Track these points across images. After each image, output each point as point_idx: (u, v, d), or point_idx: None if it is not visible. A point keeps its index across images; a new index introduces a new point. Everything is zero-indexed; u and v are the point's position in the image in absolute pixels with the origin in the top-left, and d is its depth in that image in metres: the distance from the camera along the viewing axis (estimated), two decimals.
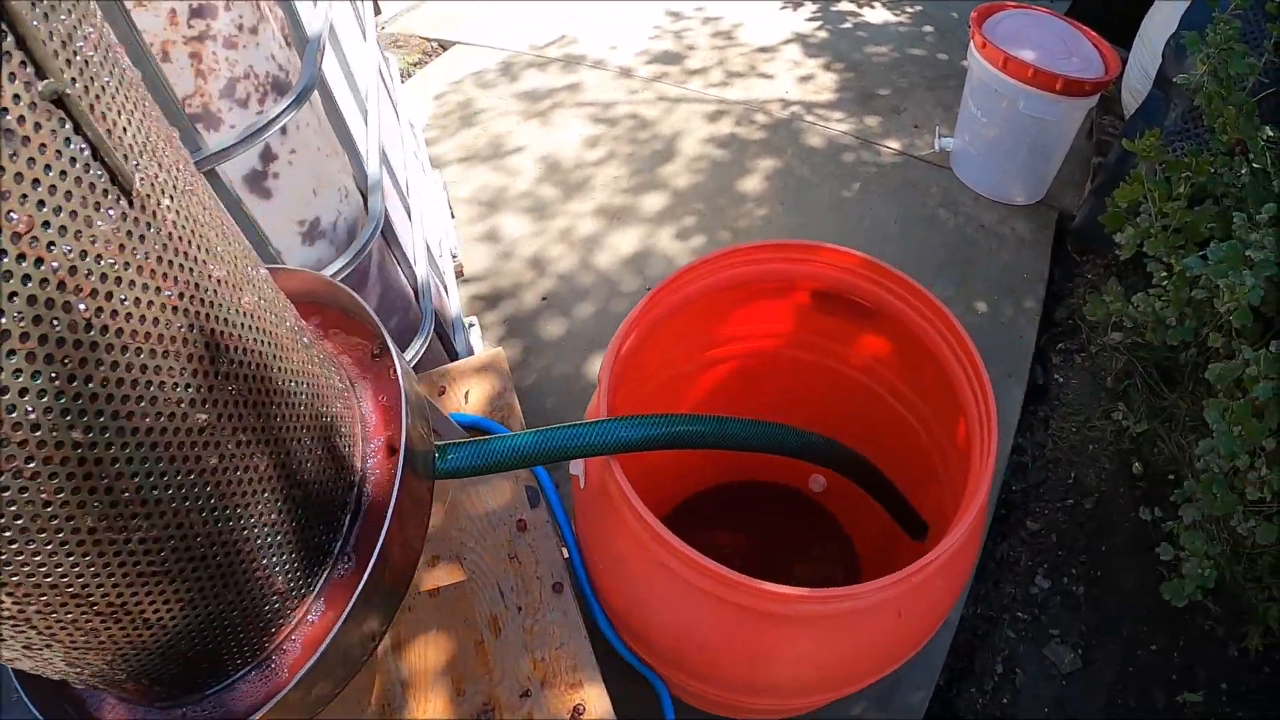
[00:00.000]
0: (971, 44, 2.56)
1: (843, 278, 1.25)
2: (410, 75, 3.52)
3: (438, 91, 3.38)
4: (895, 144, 3.02)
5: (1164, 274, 1.73)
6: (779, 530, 1.88)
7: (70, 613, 0.56)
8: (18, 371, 0.45)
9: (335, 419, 0.77)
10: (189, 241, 0.58)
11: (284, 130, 1.21)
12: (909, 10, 3.78)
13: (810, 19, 3.73)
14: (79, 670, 0.64)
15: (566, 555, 1.24)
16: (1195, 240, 1.63)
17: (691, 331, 1.44)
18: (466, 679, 1.17)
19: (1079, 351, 2.53)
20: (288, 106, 1.14)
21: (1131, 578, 2.02)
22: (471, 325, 2.23)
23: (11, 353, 0.44)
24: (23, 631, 0.56)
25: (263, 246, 1.25)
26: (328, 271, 1.32)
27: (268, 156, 1.21)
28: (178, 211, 0.57)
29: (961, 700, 1.89)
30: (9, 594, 0.52)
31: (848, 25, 3.68)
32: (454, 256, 2.41)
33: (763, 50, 3.53)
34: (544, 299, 2.48)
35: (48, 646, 0.59)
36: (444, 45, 3.70)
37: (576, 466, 1.11)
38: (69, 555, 0.53)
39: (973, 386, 1.07)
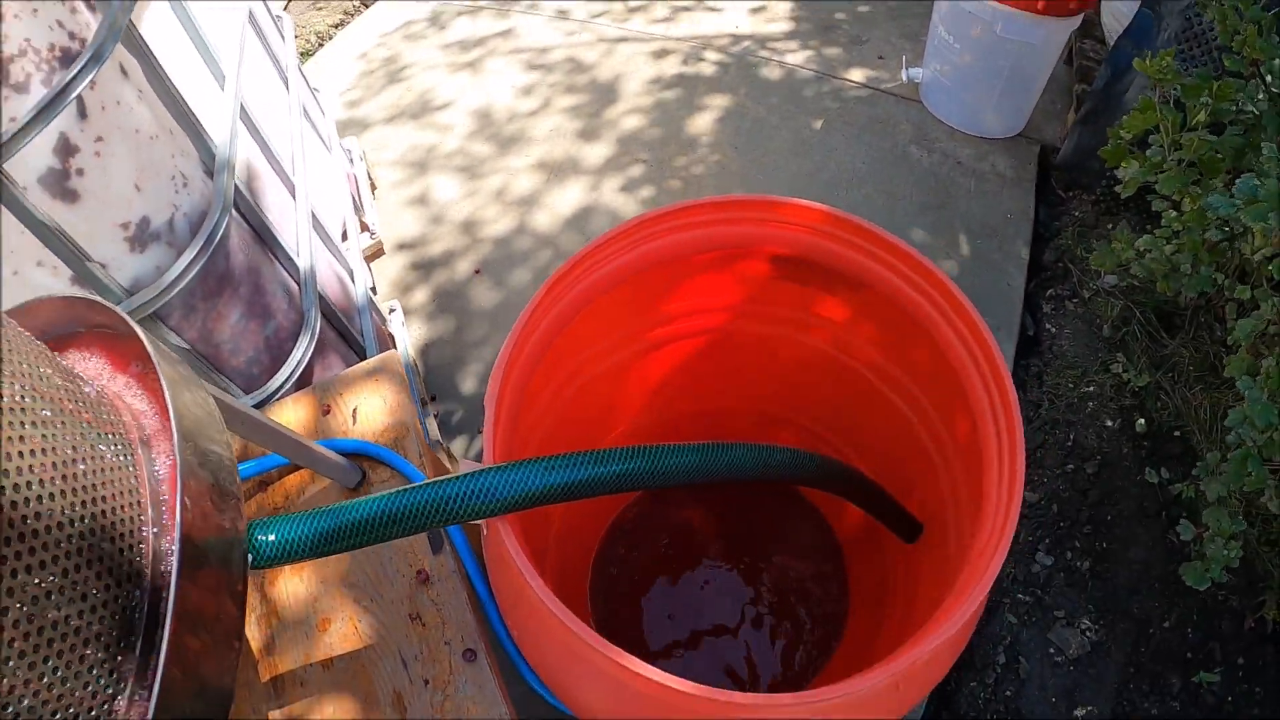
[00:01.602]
0: None
1: (811, 239, 0.99)
2: (330, 38, 3.18)
3: (361, 50, 3.06)
4: (859, 76, 2.75)
5: (1173, 214, 1.50)
6: (754, 512, 1.66)
7: None
8: None
9: (107, 525, 0.52)
10: None
11: (83, 112, 0.93)
12: None
13: None
14: None
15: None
16: (1212, 175, 1.39)
17: (632, 308, 1.19)
18: None
19: (1071, 297, 2.31)
20: (74, 77, 0.87)
21: (1140, 548, 1.84)
22: (393, 310, 1.96)
23: None
24: None
25: (79, 262, 0.98)
26: (168, 279, 1.05)
27: (66, 149, 0.94)
28: None
29: (962, 695, 1.72)
30: None
31: None
32: (371, 235, 2.13)
33: None
34: (477, 270, 2.21)
35: None
36: (366, 2, 3.36)
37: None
38: None
39: (983, 376, 0.83)
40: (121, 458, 0.58)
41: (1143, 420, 1.98)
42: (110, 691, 0.51)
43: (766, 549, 1.65)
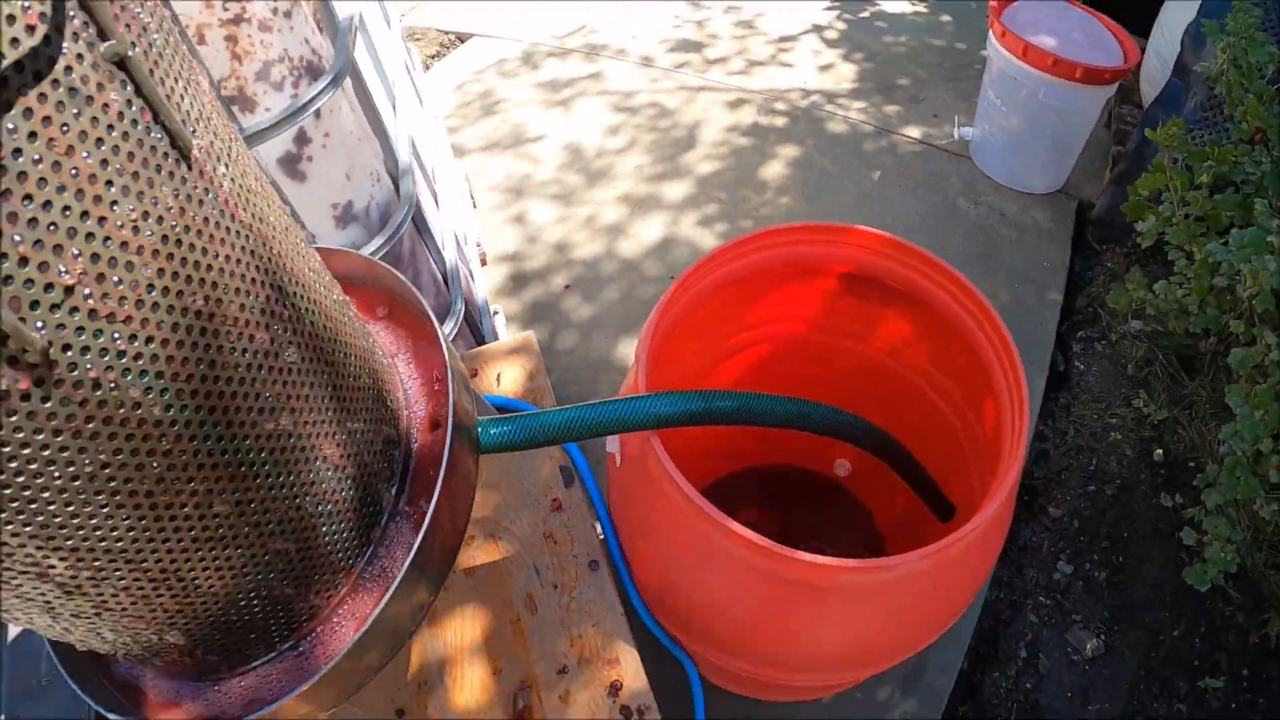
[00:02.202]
0: (991, 33, 2.56)
1: (873, 260, 1.27)
2: (429, 68, 3.54)
3: (458, 82, 3.40)
4: (915, 133, 3.02)
5: (1185, 262, 1.74)
6: (805, 514, 1.90)
7: (123, 579, 0.57)
8: (80, 329, 0.45)
9: (381, 391, 0.80)
10: (244, 209, 0.59)
11: (318, 114, 1.24)
12: (926, 1, 3.77)
13: (829, 9, 3.74)
14: (126, 642, 0.66)
15: (601, 534, 1.26)
16: (1217, 228, 1.64)
17: (722, 315, 1.46)
18: (504, 656, 1.20)
19: (1099, 339, 2.53)
20: (323, 89, 1.17)
21: (1153, 564, 2.03)
22: (496, 313, 2.26)
23: (74, 310, 0.45)
24: (73, 598, 0.57)
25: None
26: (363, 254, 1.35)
27: (302, 140, 1.24)
28: (232, 179, 0.58)
29: (986, 685, 1.91)
30: (62, 558, 0.52)
31: (866, 15, 3.68)
32: (477, 245, 2.44)
33: (783, 40, 3.54)
34: (567, 286, 2.51)
35: (98, 615, 0.60)
36: (461, 38, 3.72)
37: (613, 444, 1.14)
38: (125, 519, 0.53)
39: (1004, 368, 1.09)
40: (386, 360, 0.87)
41: (1160, 451, 2.18)
42: (376, 515, 0.79)
43: (819, 542, 1.88)
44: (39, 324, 0.44)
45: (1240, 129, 1.56)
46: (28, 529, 0.49)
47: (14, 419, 0.44)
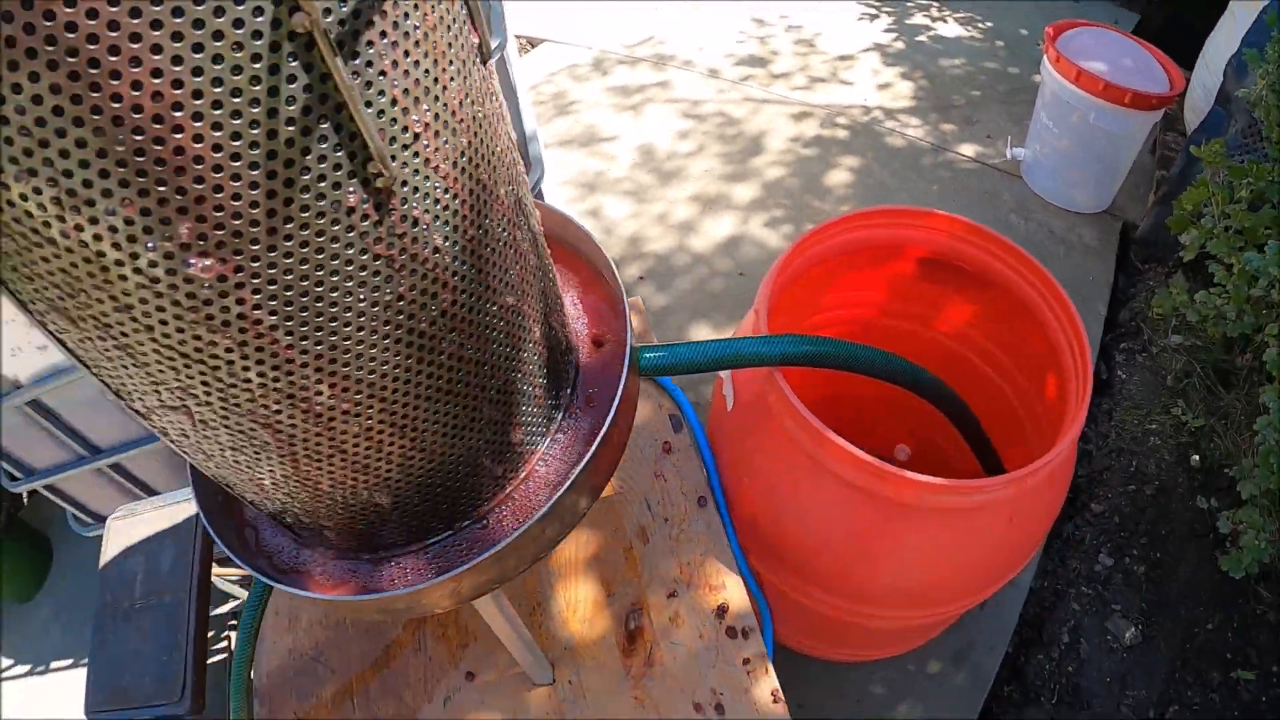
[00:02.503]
0: (1045, 58, 2.72)
1: (950, 243, 1.44)
2: None
3: (532, 83, 3.62)
4: (970, 151, 3.19)
5: (1224, 273, 1.89)
6: None
7: (371, 417, 0.65)
8: (415, 171, 0.55)
9: (562, 304, 0.97)
10: (505, 112, 0.73)
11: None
12: (980, 26, 3.95)
13: (888, 30, 3.92)
14: (333, 500, 0.76)
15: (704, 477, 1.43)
16: (1255, 241, 1.79)
17: (804, 297, 1.63)
18: (616, 581, 1.36)
19: (1141, 352, 2.67)
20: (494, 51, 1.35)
21: (1189, 561, 2.16)
22: None
23: (415, 154, 0.55)
24: (317, 439, 0.65)
25: None
26: None
27: None
28: (498, 90, 0.73)
29: (1030, 666, 2.05)
30: (331, 385, 0.60)
31: (923, 38, 3.86)
32: None
33: (843, 58, 3.73)
34: (641, 277, 2.69)
35: (329, 460, 0.69)
36: (533, 42, 3.94)
37: (728, 392, 1.31)
38: (395, 354, 0.62)
39: (1070, 341, 1.26)
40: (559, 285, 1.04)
41: (1197, 457, 2.31)
42: (555, 409, 0.94)
43: None
44: (391, 157, 0.54)
45: (1277, 149, 1.72)
46: (317, 348, 0.57)
47: (350, 235, 0.53)
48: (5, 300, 0.51)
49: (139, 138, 0.41)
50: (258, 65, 0.43)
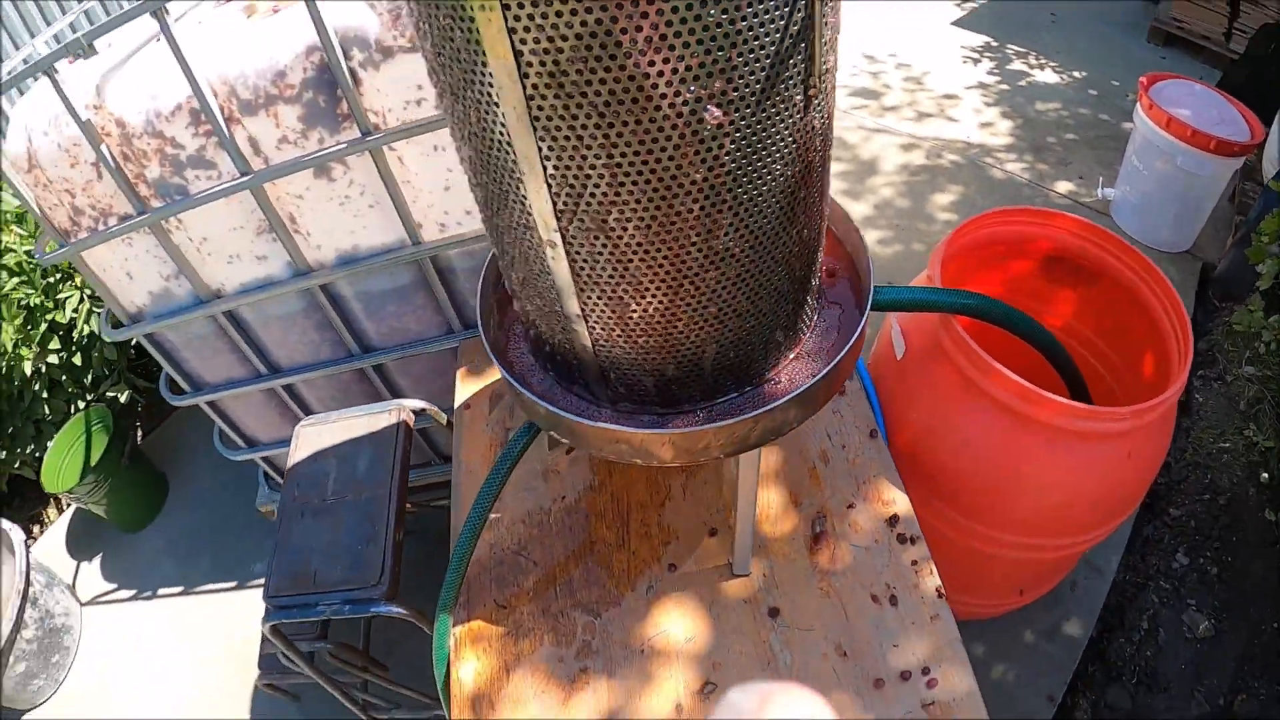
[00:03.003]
0: (1138, 105, 3.02)
1: (1071, 241, 1.82)
2: None
3: None
4: (1063, 189, 3.54)
5: None
6: None
7: (755, 260, 0.93)
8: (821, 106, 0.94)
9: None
10: None
11: None
12: (1075, 75, 4.31)
13: (990, 73, 4.30)
14: (692, 346, 1.01)
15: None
16: None
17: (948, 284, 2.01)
18: (803, 494, 1.57)
19: (1216, 379, 2.88)
20: None
21: (1258, 566, 2.36)
22: None
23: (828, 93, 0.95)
24: (709, 271, 0.91)
25: None
26: None
27: None
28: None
29: (1112, 649, 2.28)
30: (739, 228, 0.87)
31: (1022, 83, 4.23)
32: None
33: (948, 96, 4.12)
34: None
35: (713, 292, 0.94)
36: None
37: (897, 339, 1.69)
38: (778, 217, 0.91)
39: (1173, 323, 1.62)
40: None
41: (1266, 474, 2.49)
42: (815, 308, 1.29)
43: None
44: (820, 76, 0.85)
45: None
46: (745, 195, 0.86)
47: (789, 119, 0.84)
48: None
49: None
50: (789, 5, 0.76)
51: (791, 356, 1.20)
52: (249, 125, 1.65)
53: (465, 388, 1.92)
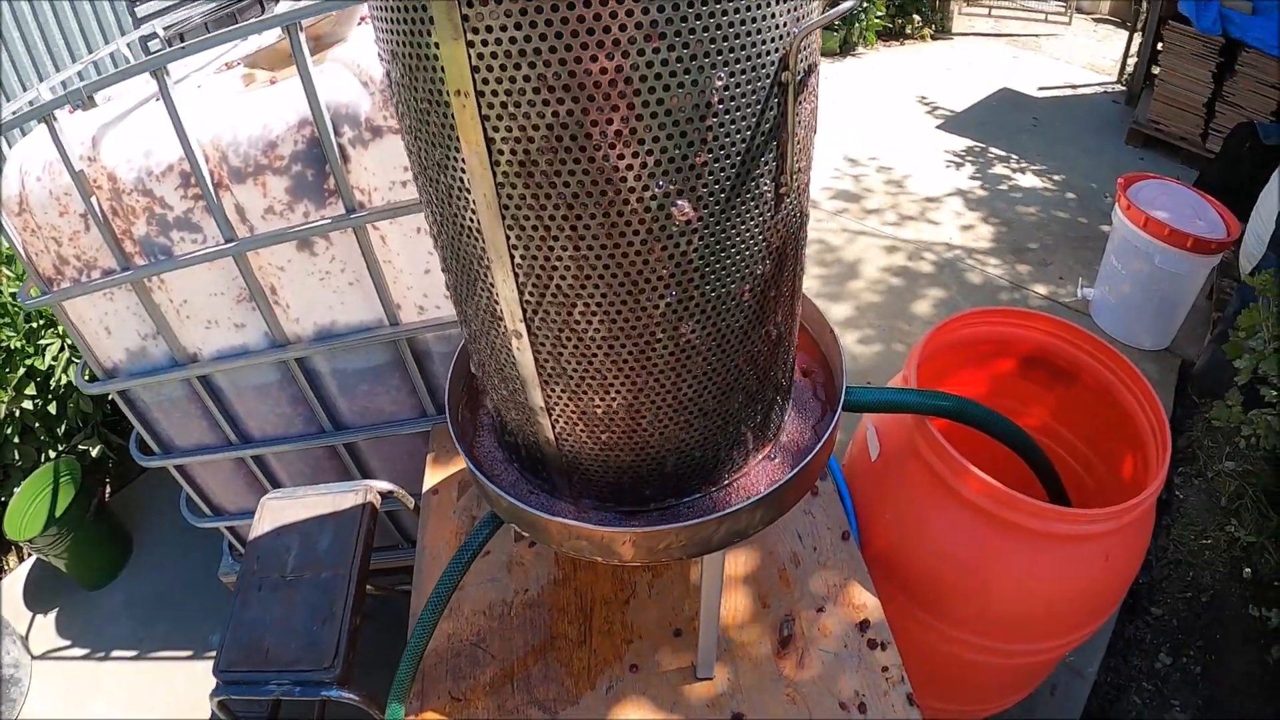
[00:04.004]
0: (1116, 206, 3.10)
1: (1050, 342, 1.82)
2: None
3: None
4: (1043, 290, 3.60)
5: (1275, 394, 2.19)
6: None
7: (720, 365, 0.93)
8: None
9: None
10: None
11: None
12: (1054, 179, 4.44)
13: (971, 178, 4.43)
14: (655, 439, 1.02)
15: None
16: None
17: (927, 383, 2.01)
18: (771, 596, 1.55)
19: (1197, 476, 2.92)
20: None
21: (1242, 664, 2.33)
22: None
23: (801, 192, 0.93)
24: (715, 356, 0.92)
25: None
26: None
27: None
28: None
29: None
30: (711, 327, 0.88)
31: (1002, 187, 4.35)
32: None
33: (930, 200, 4.23)
34: None
35: (709, 381, 0.94)
36: None
37: (872, 441, 1.68)
38: (747, 313, 0.91)
39: (1151, 422, 1.62)
40: None
41: (1249, 570, 2.47)
42: (781, 415, 1.30)
43: None
44: (791, 175, 0.86)
45: None
46: (718, 287, 0.86)
47: (758, 215, 0.84)
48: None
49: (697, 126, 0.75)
50: (761, 99, 0.78)
51: (760, 456, 1.19)
52: (237, 192, 1.66)
53: (434, 473, 1.90)
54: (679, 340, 0.90)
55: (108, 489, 3.33)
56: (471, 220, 0.83)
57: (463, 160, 0.77)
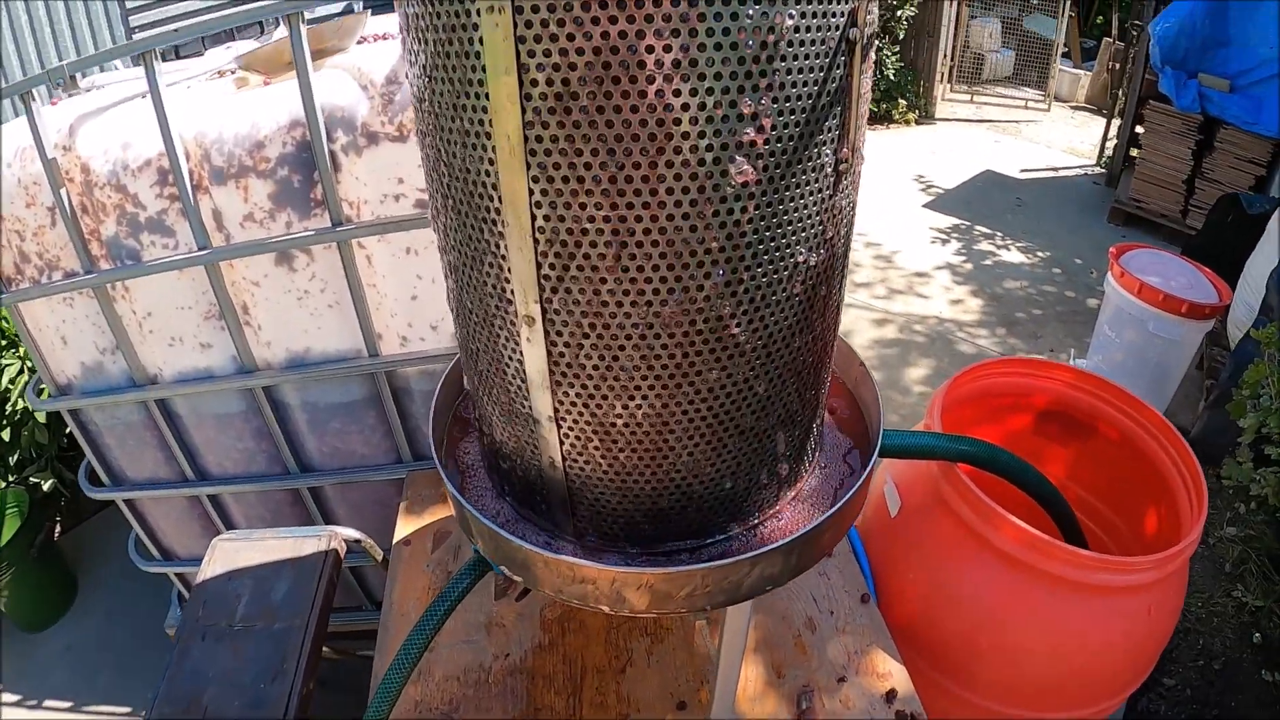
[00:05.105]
0: (1109, 274, 3.06)
1: (1068, 393, 1.73)
2: None
3: None
4: None
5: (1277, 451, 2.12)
6: None
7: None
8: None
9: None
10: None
11: None
12: (1040, 255, 4.47)
13: (957, 254, 4.44)
14: (696, 474, 0.88)
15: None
16: None
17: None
18: (787, 664, 1.42)
19: (1199, 543, 2.87)
20: None
21: None
22: None
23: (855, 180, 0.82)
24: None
25: None
26: None
27: None
28: None
29: None
30: (749, 315, 0.76)
31: (989, 262, 4.36)
32: None
33: (918, 274, 4.22)
34: None
35: (745, 415, 0.83)
36: None
37: (891, 496, 1.55)
38: (793, 309, 0.80)
39: (1183, 474, 1.51)
40: None
41: (1258, 635, 2.43)
42: (814, 452, 1.14)
43: None
44: (853, 149, 0.78)
45: None
46: (759, 273, 0.75)
47: (816, 190, 0.74)
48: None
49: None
50: (829, 52, 0.69)
51: (791, 494, 1.05)
52: (216, 195, 1.55)
53: (407, 523, 1.74)
54: (723, 334, 0.78)
55: (58, 526, 3.17)
56: (487, 174, 0.71)
57: (486, 94, 0.66)
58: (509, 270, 0.76)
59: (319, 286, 1.66)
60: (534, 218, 0.70)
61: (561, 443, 0.88)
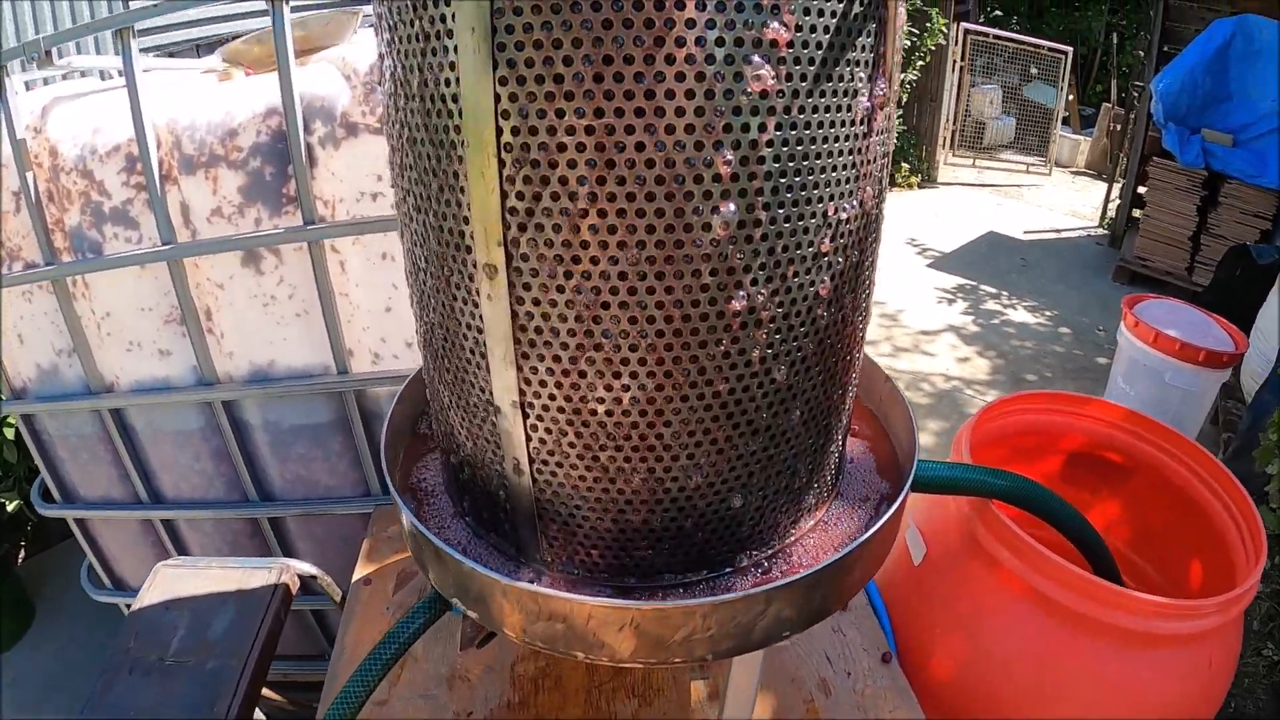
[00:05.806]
0: (1122, 325, 2.96)
1: (1106, 432, 1.58)
2: None
3: None
4: None
5: None
6: None
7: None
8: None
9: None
10: None
11: None
12: (1046, 314, 4.37)
13: (964, 313, 4.34)
14: (693, 490, 0.72)
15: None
16: None
17: None
18: None
19: None
20: None
21: None
22: None
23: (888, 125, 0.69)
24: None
25: None
26: None
27: None
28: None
29: None
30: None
31: (995, 322, 4.25)
32: None
33: (924, 333, 4.12)
34: None
35: (739, 434, 0.69)
36: None
37: (914, 542, 1.39)
38: (836, 264, 0.68)
39: (1230, 508, 1.36)
40: None
41: None
42: (836, 478, 0.94)
43: None
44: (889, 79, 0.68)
45: None
46: (790, 216, 0.62)
47: (848, 125, 0.63)
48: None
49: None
50: None
51: (810, 525, 0.87)
52: (184, 186, 1.45)
53: (369, 561, 1.57)
54: (733, 292, 0.63)
55: (21, 551, 3.01)
56: (447, 82, 0.58)
57: None
58: (468, 206, 0.62)
59: (286, 292, 1.53)
60: (500, 131, 0.57)
61: (529, 437, 0.72)
